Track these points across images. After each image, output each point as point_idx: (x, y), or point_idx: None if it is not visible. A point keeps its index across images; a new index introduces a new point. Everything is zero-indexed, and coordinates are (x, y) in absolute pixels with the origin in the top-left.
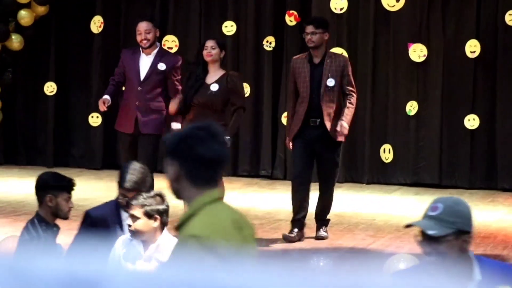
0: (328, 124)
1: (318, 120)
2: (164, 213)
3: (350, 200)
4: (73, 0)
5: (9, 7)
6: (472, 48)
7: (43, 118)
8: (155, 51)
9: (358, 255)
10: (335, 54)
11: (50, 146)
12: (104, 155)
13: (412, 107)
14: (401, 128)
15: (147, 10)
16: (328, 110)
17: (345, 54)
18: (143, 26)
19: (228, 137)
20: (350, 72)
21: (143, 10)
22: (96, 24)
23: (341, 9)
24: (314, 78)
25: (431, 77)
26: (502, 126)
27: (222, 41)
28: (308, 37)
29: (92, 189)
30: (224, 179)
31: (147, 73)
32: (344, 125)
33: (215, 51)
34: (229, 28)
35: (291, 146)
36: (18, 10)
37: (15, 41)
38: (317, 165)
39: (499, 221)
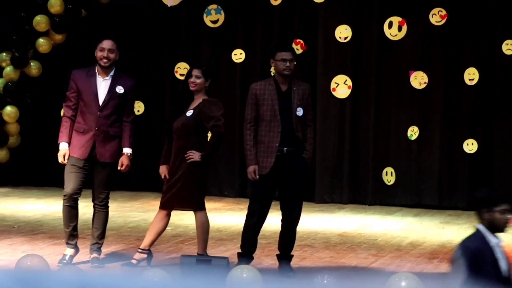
0: None
1: None
2: None
3: (353, 221)
4: (89, 29)
5: (28, 35)
6: (471, 75)
7: None
8: (112, 73)
9: (361, 273)
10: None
11: None
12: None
13: (413, 132)
14: (403, 151)
15: (159, 37)
16: None
17: (349, 82)
18: (108, 43)
19: (200, 155)
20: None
21: (156, 38)
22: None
23: (346, 38)
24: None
25: (431, 103)
26: (499, 150)
27: (208, 69)
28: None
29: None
30: (233, 200)
31: (106, 97)
32: None
33: (200, 81)
34: (238, 56)
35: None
36: (36, 38)
37: (34, 68)
38: (283, 195)
39: None
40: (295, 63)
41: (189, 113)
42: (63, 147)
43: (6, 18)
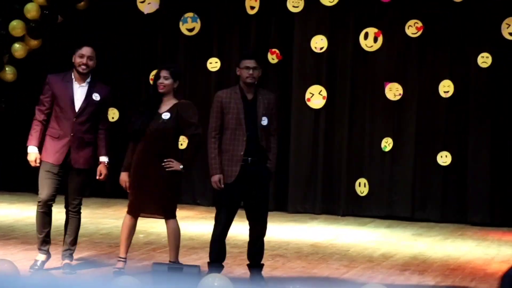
0: None
1: None
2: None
3: (325, 231)
4: (65, 35)
5: (3, 40)
6: (446, 88)
7: None
8: (88, 80)
9: (332, 284)
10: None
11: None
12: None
13: (387, 143)
14: (377, 163)
15: (135, 44)
16: None
17: (324, 92)
18: (88, 50)
19: (182, 166)
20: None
21: (132, 45)
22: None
23: (321, 48)
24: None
25: (406, 115)
26: (473, 163)
27: (177, 70)
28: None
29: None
30: (206, 208)
31: (82, 104)
32: None
33: (168, 82)
34: (213, 64)
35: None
36: (12, 43)
37: (9, 73)
38: (249, 204)
39: (467, 254)
40: (259, 71)
41: (166, 115)
42: (33, 150)
43: None
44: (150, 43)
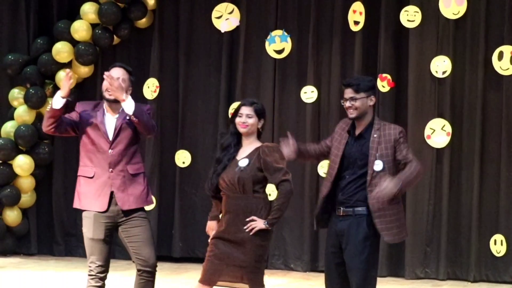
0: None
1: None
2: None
3: None
4: (123, 59)
5: (46, 67)
6: None
7: None
8: (121, 109)
9: None
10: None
11: None
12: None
13: None
14: None
15: (210, 71)
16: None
17: (448, 127)
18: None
19: (265, 221)
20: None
21: (205, 71)
22: (150, 88)
23: (444, 72)
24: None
25: None
26: None
27: (261, 107)
28: (347, 104)
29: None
30: (302, 275)
31: (115, 129)
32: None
33: (252, 121)
34: (309, 94)
35: None
36: (57, 71)
37: None
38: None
39: None
40: (357, 103)
41: (243, 162)
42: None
43: (20, 46)
44: (228, 68)
